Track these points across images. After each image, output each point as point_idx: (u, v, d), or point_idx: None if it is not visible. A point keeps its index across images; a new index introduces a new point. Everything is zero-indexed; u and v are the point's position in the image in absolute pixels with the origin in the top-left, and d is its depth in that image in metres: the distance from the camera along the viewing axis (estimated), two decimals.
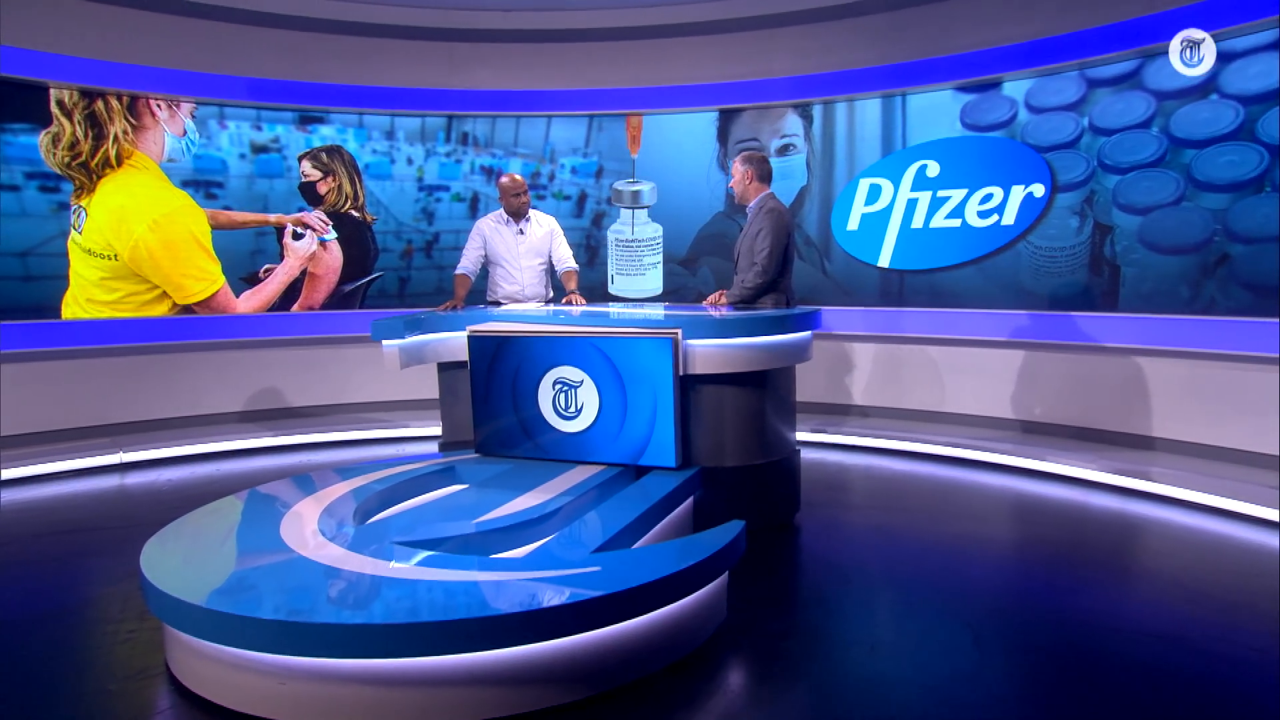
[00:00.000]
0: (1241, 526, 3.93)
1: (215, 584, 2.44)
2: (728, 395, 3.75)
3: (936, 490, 4.67)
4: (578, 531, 2.98)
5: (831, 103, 6.26)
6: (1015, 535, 3.98)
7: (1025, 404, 5.57)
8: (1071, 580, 3.28)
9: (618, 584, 2.38)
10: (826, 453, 5.50)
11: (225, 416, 6.18)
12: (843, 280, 6.31)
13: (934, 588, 3.22)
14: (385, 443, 5.95)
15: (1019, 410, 5.60)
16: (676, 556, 2.60)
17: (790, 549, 3.72)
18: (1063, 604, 3.04)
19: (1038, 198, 5.42)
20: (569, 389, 3.74)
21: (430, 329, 4.22)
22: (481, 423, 3.94)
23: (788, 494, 4.02)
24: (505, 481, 3.53)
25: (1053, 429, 5.42)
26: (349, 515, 3.06)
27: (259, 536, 2.84)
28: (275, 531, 2.86)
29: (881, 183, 6.11)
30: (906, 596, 3.15)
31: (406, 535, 2.86)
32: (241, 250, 6.25)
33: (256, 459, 5.51)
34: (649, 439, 3.64)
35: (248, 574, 2.51)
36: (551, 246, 5.09)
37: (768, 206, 4.34)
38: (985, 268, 5.69)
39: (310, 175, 6.45)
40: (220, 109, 6.12)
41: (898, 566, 3.47)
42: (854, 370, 6.30)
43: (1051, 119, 5.36)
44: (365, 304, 6.66)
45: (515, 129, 6.83)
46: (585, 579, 2.44)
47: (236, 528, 2.98)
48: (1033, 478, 4.84)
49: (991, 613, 2.97)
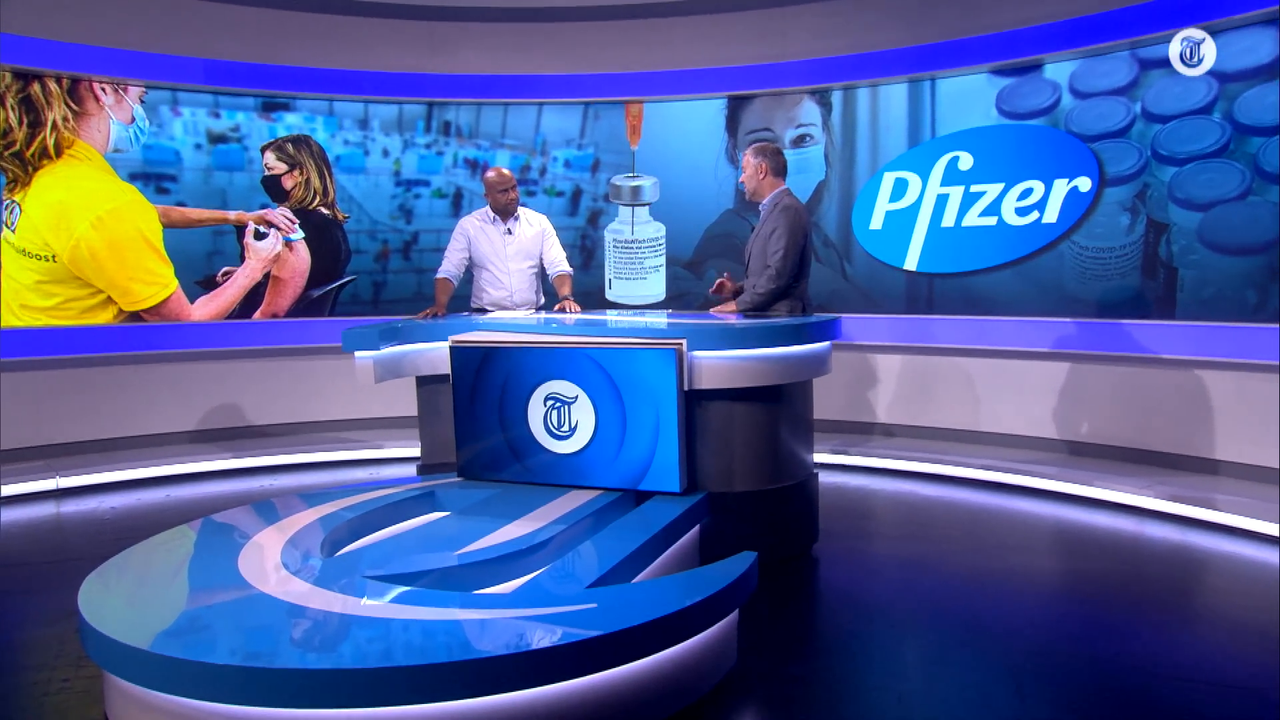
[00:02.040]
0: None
1: (163, 625, 2.42)
2: (738, 412, 3.74)
3: (971, 518, 4.65)
4: (571, 564, 2.97)
5: (853, 88, 6.28)
6: (1061, 570, 3.95)
7: (1070, 422, 5.56)
8: (1125, 621, 3.26)
9: (615, 623, 2.37)
10: (848, 476, 5.49)
11: (177, 436, 6.16)
12: (865, 285, 6.31)
13: (970, 628, 3.20)
14: (357, 465, 5.93)
15: (1063, 429, 5.59)
16: (681, 592, 2.59)
17: (808, 584, 3.70)
18: (1116, 648, 3.02)
19: (1083, 192, 5.43)
20: (562, 406, 3.74)
21: (408, 339, 4.21)
22: (465, 443, 3.93)
23: (805, 522, 4.01)
24: (491, 508, 3.52)
25: (1102, 450, 5.41)
26: (316, 546, 3.05)
27: (214, 571, 2.82)
28: (232, 565, 2.85)
29: (908, 177, 6.12)
30: (939, 638, 3.13)
31: (380, 569, 2.85)
32: (197, 251, 6.25)
33: (212, 484, 5.48)
34: (650, 461, 3.63)
35: (201, 613, 2.49)
36: (543, 248, 5.10)
37: (782, 203, 4.34)
38: (1024, 270, 5.69)
39: (274, 168, 6.46)
40: (173, 94, 6.13)
41: (928, 604, 3.45)
42: (878, 384, 6.29)
43: (1099, 104, 5.37)
44: (336, 311, 6.65)
45: (503, 118, 6.84)
46: (579, 617, 2.43)
47: (188, 561, 2.96)
48: (1080, 505, 4.82)
49: (1035, 657, 2.95)
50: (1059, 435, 5.60)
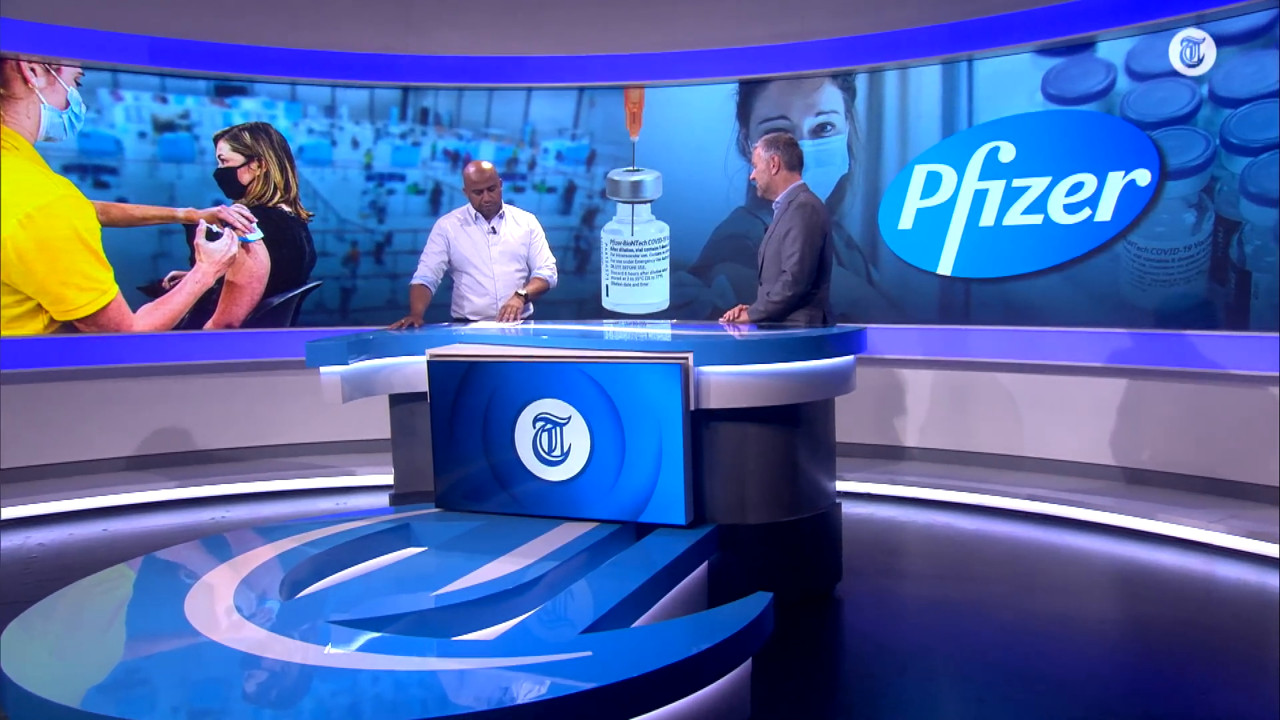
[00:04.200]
0: None
1: (96, 678, 2.40)
2: (750, 435, 3.75)
3: (1015, 556, 4.64)
4: (563, 607, 2.97)
5: (879, 71, 6.31)
6: (1118, 615, 3.94)
7: (1128, 447, 5.55)
8: (1193, 673, 3.24)
9: (613, 674, 2.35)
10: (875, 506, 5.48)
11: (115, 462, 6.15)
12: (893, 291, 6.31)
13: (1013, 682, 3.18)
14: (322, 494, 5.93)
15: (1120, 455, 5.57)
16: (687, 638, 2.59)
17: (830, 629, 3.69)
18: (1182, 704, 3.00)
19: (1141, 186, 5.44)
20: (553, 427, 3.73)
21: (380, 353, 4.22)
22: (444, 469, 3.93)
23: (826, 559, 4.00)
24: (473, 543, 3.52)
25: (1164, 479, 5.39)
26: (274, 587, 3.04)
27: (156, 616, 2.80)
28: (178, 609, 2.83)
29: (942, 170, 6.13)
30: (978, 692, 3.12)
31: (347, 612, 2.84)
32: (140, 253, 6.25)
33: (155, 516, 5.47)
34: (652, 490, 3.63)
35: (140, 665, 2.47)
36: (531, 250, 5.11)
37: (798, 200, 4.35)
38: (1074, 275, 5.70)
39: (229, 160, 6.48)
40: (114, 75, 6.15)
41: (966, 653, 3.44)
42: (908, 404, 6.29)
43: (1160, 87, 5.38)
44: (298, 321, 6.66)
45: (487, 104, 6.87)
46: (572, 667, 2.41)
47: (126, 605, 2.94)
48: (1140, 541, 4.80)
49: (1090, 714, 2.93)
50: (1115, 461, 5.59)
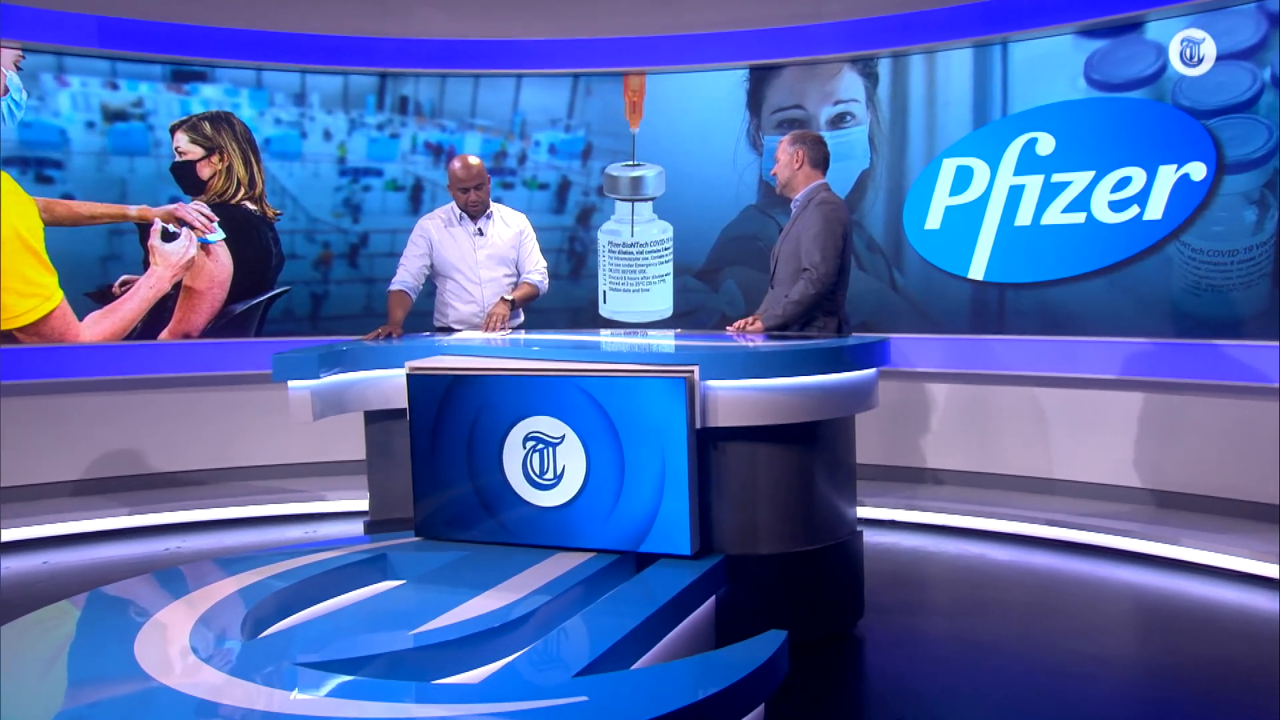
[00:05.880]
0: None
1: None
2: (762, 456, 3.75)
3: (1052, 590, 4.64)
4: (556, 646, 2.96)
5: (904, 55, 6.32)
6: (1161, 654, 3.93)
7: (1175, 470, 5.53)
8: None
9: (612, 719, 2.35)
10: (899, 535, 5.48)
11: (59, 487, 6.13)
12: (919, 298, 6.32)
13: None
14: (289, 522, 5.93)
15: (1164, 479, 5.56)
16: (693, 682, 2.59)
17: (850, 671, 3.69)
18: None
19: (1196, 181, 5.44)
20: (545, 448, 3.74)
21: (355, 365, 4.22)
22: (424, 494, 3.93)
23: (846, 593, 4.00)
24: (456, 576, 3.51)
25: (1215, 505, 5.36)
26: (235, 626, 3.03)
27: (102, 658, 2.79)
28: (127, 650, 2.82)
29: (973, 164, 6.15)
30: None
31: (315, 653, 2.83)
32: (88, 255, 6.26)
33: (103, 547, 5.46)
34: (654, 517, 3.63)
35: (84, 714, 2.46)
36: (520, 253, 5.12)
37: (819, 198, 4.38)
38: (1120, 279, 5.70)
39: (188, 153, 6.49)
40: (58, 58, 6.14)
41: (997, 696, 3.44)
42: (936, 422, 6.29)
43: (1217, 71, 5.37)
44: (264, 330, 6.66)
45: (473, 92, 6.88)
46: (566, 713, 2.41)
47: (69, 646, 2.93)
48: (1187, 572, 4.79)
49: None
50: (1159, 485, 5.57)
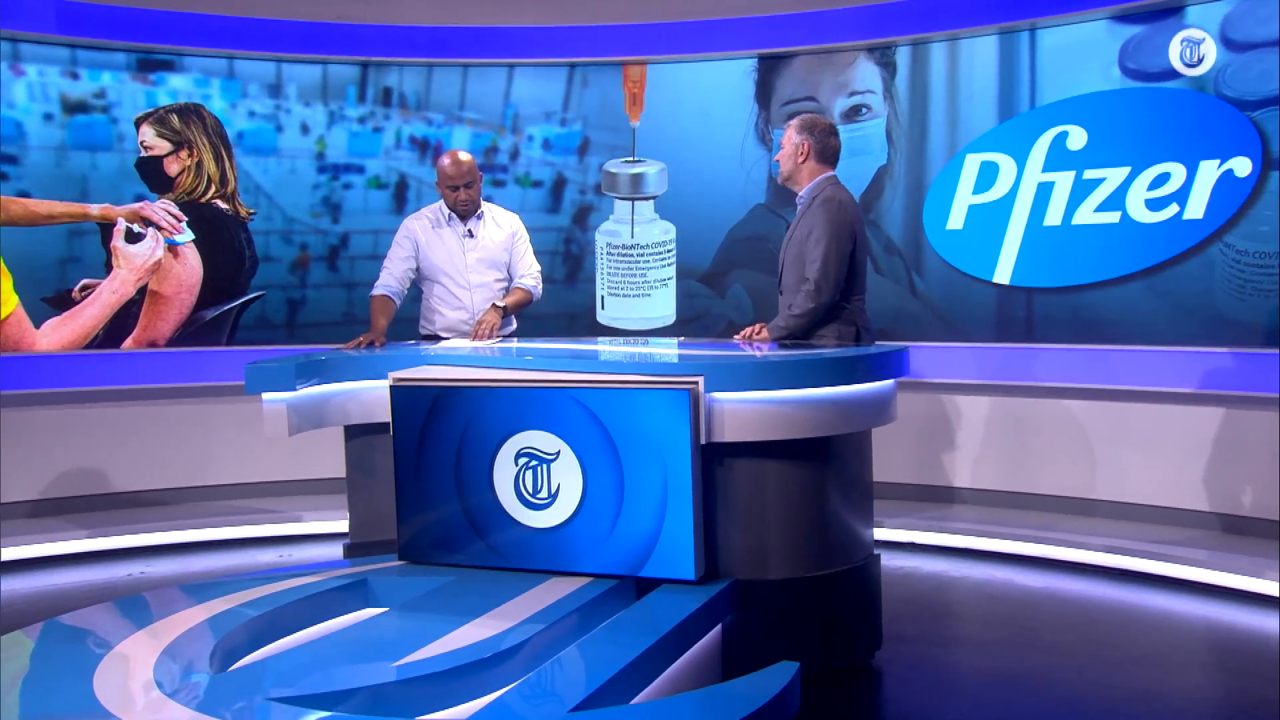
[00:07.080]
0: None
1: None
2: (772, 474, 3.74)
3: (1087, 618, 4.62)
4: (550, 679, 2.95)
5: (925, 43, 6.33)
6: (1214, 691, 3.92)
7: (1227, 490, 5.51)
8: None
9: None
10: (920, 559, 5.47)
11: (15, 508, 6.12)
12: (941, 304, 6.32)
13: None
14: (263, 545, 5.92)
15: (1217, 499, 5.54)
16: (697, 717, 2.59)
17: (867, 704, 3.69)
18: None
19: (1241, 178, 5.43)
20: (539, 465, 3.73)
21: (334, 376, 4.22)
22: (409, 514, 3.92)
23: (863, 622, 3.98)
24: (443, 603, 3.51)
25: (1270, 528, 5.36)
26: (203, 657, 3.02)
27: (58, 693, 2.78)
28: (85, 685, 2.81)
29: (999, 160, 6.15)
30: None
31: (290, 687, 2.83)
32: (46, 257, 6.26)
33: (60, 572, 5.45)
34: (656, 539, 3.62)
35: None
36: (513, 256, 5.12)
37: (824, 195, 4.35)
38: (1159, 283, 5.70)
39: (154, 147, 6.50)
40: (13, 45, 6.15)
41: None
42: (959, 436, 6.28)
43: (1263, 59, 5.37)
44: (237, 339, 6.67)
45: (461, 83, 6.89)
46: None
47: (21, 680, 2.92)
48: (1242, 602, 4.76)
49: None
50: (1210, 507, 5.56)
